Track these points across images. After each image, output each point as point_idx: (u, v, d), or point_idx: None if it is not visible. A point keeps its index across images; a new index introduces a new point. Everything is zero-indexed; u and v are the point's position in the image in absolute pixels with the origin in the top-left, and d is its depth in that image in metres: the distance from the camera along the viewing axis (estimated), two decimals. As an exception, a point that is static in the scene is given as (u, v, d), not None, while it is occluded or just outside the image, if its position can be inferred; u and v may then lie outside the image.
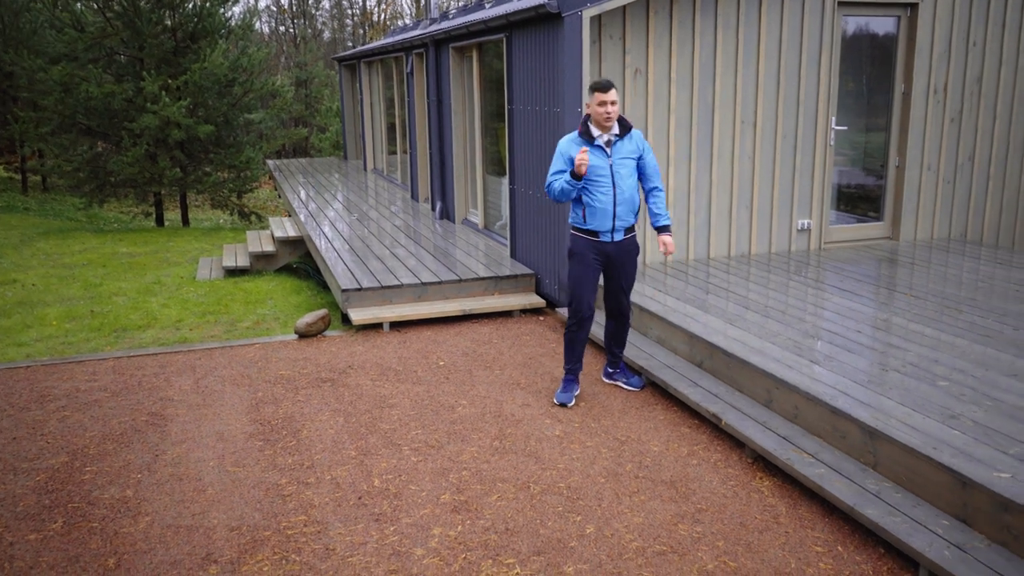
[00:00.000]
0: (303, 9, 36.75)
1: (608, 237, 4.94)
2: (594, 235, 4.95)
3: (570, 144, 4.90)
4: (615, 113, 4.77)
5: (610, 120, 4.76)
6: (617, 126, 4.87)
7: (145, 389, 5.62)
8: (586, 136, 4.85)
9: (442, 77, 10.14)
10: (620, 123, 4.89)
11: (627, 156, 4.88)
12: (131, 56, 14.70)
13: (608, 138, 4.84)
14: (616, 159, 4.86)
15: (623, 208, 4.88)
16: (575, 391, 5.25)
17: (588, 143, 4.83)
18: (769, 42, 7.46)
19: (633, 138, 4.92)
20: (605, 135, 4.84)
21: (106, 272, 10.30)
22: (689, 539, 3.66)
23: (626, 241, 5.00)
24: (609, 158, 4.85)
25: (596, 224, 4.91)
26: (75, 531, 3.80)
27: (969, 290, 6.54)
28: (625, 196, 4.87)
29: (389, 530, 3.77)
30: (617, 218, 4.89)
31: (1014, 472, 3.49)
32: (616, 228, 4.92)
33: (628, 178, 4.89)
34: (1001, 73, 8.34)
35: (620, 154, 4.87)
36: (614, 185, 4.85)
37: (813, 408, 4.38)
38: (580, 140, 4.86)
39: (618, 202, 4.86)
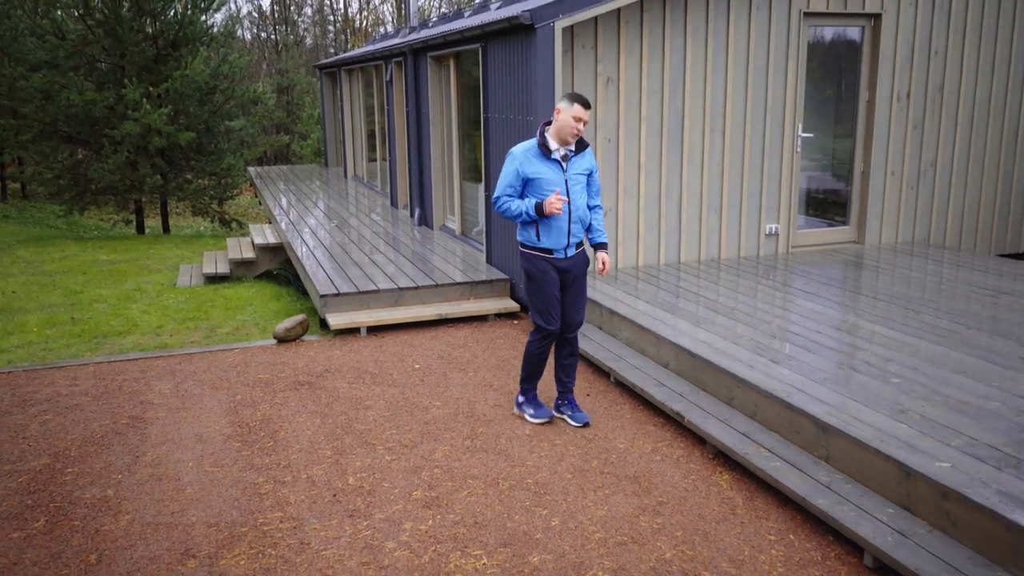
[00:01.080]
0: (285, 16, 36.82)
1: (562, 253, 4.80)
2: (548, 252, 4.78)
3: (525, 156, 4.69)
4: (583, 131, 4.75)
5: (576, 136, 4.63)
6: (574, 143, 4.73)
7: (125, 393, 5.73)
8: (543, 148, 4.68)
9: (420, 85, 10.31)
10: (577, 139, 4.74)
11: (581, 172, 4.77)
12: (112, 63, 14.78)
13: (564, 152, 4.70)
14: (571, 174, 4.73)
15: (577, 225, 4.79)
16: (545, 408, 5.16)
17: (545, 156, 4.67)
18: (737, 51, 7.68)
19: (586, 155, 4.81)
20: (562, 149, 4.69)
21: (86, 279, 10.38)
22: (649, 530, 3.83)
23: (578, 255, 4.89)
24: (564, 173, 4.71)
25: (551, 242, 4.75)
26: (57, 529, 3.92)
27: (929, 292, 6.76)
28: (579, 213, 4.77)
29: (362, 525, 3.91)
30: (571, 235, 4.77)
31: (954, 462, 3.68)
32: (570, 244, 4.80)
33: (581, 194, 4.78)
34: (962, 81, 8.60)
35: (575, 170, 4.75)
36: (569, 202, 4.71)
37: (771, 405, 4.57)
38: (537, 151, 4.68)
39: (572, 219, 4.75)
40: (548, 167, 4.68)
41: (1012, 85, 8.83)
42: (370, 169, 14.97)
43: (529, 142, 4.76)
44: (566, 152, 4.70)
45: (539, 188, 4.67)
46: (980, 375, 4.80)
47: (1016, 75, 8.82)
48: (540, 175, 4.66)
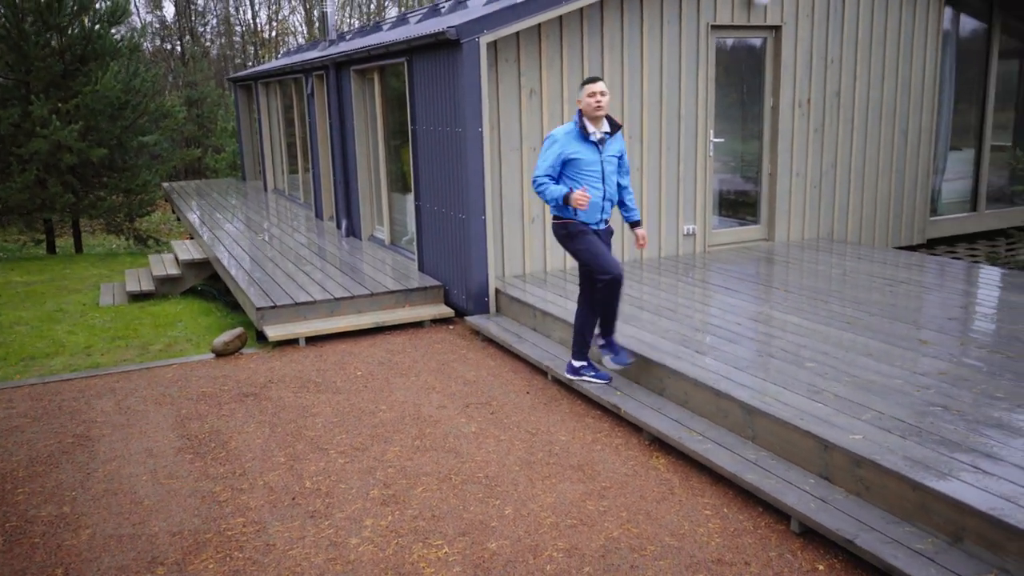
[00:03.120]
0: (190, 27, 36.05)
1: (596, 226, 5.22)
2: (585, 224, 5.19)
3: (567, 139, 5.07)
4: (605, 103, 5.00)
5: (600, 110, 4.98)
6: (607, 124, 5.12)
7: (66, 413, 5.71)
8: (583, 130, 5.05)
9: (344, 98, 10.43)
10: (610, 123, 5.14)
11: (613, 154, 5.16)
12: (17, 79, 14.32)
13: (601, 136, 5.08)
14: (605, 156, 5.12)
15: (608, 203, 5.19)
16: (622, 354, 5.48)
17: (584, 138, 5.05)
18: (651, 63, 8.10)
19: (618, 138, 5.20)
20: (598, 132, 5.06)
21: (2, 302, 10.10)
22: (596, 512, 4.12)
23: (607, 230, 5.32)
24: (600, 154, 5.10)
25: (586, 216, 5.16)
26: (17, 547, 3.96)
27: (835, 283, 7.30)
28: (611, 191, 5.17)
29: (324, 524, 4.08)
30: (603, 211, 5.19)
31: (865, 434, 4.09)
32: (602, 219, 5.22)
33: (613, 175, 5.17)
34: (856, 87, 9.26)
35: (609, 151, 5.14)
36: (603, 181, 5.11)
37: (700, 392, 4.93)
38: (577, 133, 5.06)
39: (606, 197, 5.15)
40: (586, 148, 5.07)
41: (900, 90, 9.55)
42: (291, 182, 14.94)
43: (568, 125, 5.15)
44: (603, 136, 5.08)
45: (577, 167, 5.07)
46: (883, 356, 5.28)
47: (903, 80, 9.55)
48: (579, 155, 5.05)
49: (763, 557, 3.69)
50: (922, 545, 3.48)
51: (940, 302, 6.61)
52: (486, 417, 5.38)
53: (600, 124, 5.11)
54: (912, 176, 9.94)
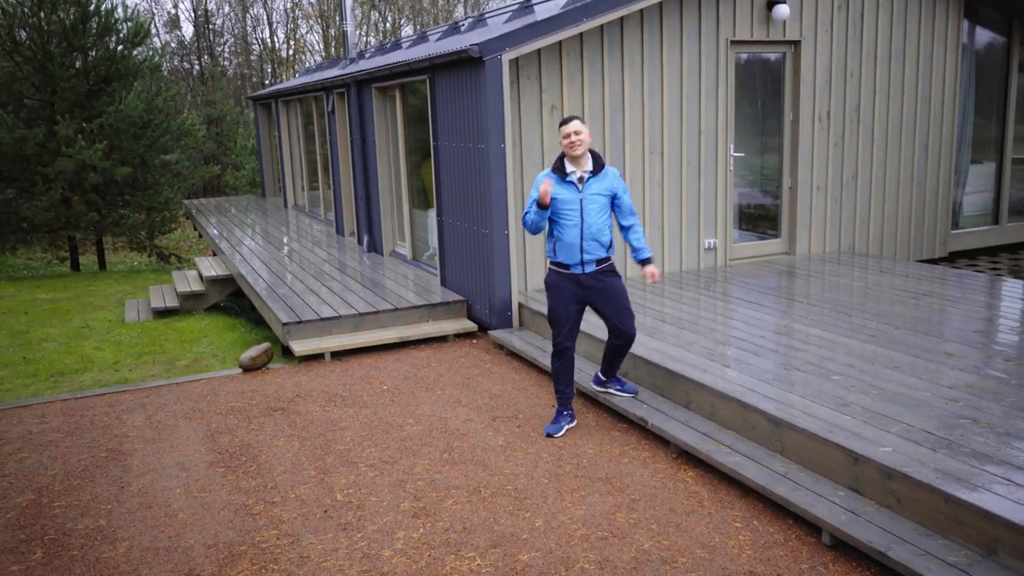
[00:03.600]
0: (209, 46, 36.51)
1: (579, 269, 5.09)
2: (565, 267, 5.12)
3: (547, 178, 5.05)
4: (579, 141, 4.93)
5: (574, 148, 4.94)
6: (591, 163, 5.05)
7: (98, 428, 5.80)
8: (558, 172, 5.04)
9: (365, 115, 10.55)
10: (594, 161, 5.06)
11: (599, 193, 5.03)
12: (42, 100, 14.57)
13: (581, 175, 5.02)
14: (587, 194, 5.01)
15: (590, 243, 5.04)
16: (563, 423, 5.35)
17: (560, 178, 5.03)
18: (671, 79, 8.17)
19: (607, 176, 5.08)
20: (578, 171, 5.02)
21: (30, 319, 10.24)
22: (627, 525, 4.14)
23: (600, 271, 5.14)
24: (580, 193, 5.01)
25: (564, 257, 5.09)
26: (56, 560, 4.02)
27: (857, 296, 7.30)
28: (592, 231, 5.01)
29: (357, 536, 4.12)
30: (584, 251, 5.05)
31: (895, 446, 4.10)
32: (585, 261, 5.07)
33: (597, 214, 5.02)
34: (875, 101, 9.28)
35: (591, 190, 5.02)
36: (582, 219, 5.00)
37: (727, 405, 4.94)
38: (552, 176, 5.05)
39: (585, 236, 5.02)
40: (564, 188, 5.04)
41: (920, 103, 9.56)
42: (311, 198, 15.08)
43: (550, 168, 5.16)
44: (582, 174, 5.03)
45: (555, 206, 5.06)
46: (909, 369, 5.28)
47: (923, 94, 9.56)
48: (557, 195, 5.03)
49: (795, 569, 3.70)
50: (955, 558, 3.49)
51: (964, 315, 6.60)
52: (513, 430, 5.42)
53: (581, 163, 5.04)
54: (933, 189, 9.93)
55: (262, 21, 42.48)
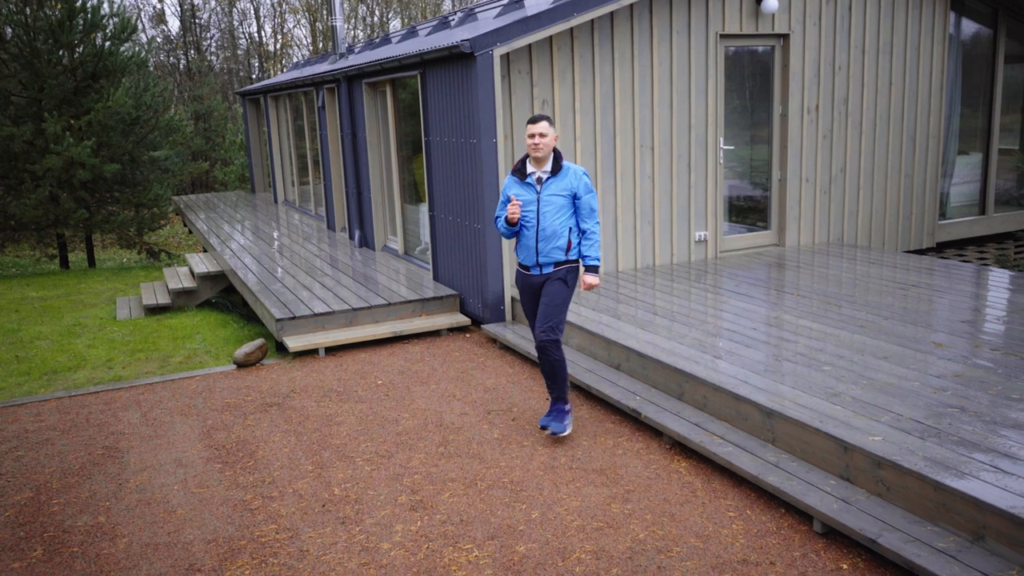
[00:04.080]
0: (196, 41, 36.31)
1: (536, 271, 5.05)
2: (525, 268, 5.11)
3: (509, 180, 5.08)
4: (543, 144, 4.87)
5: (537, 150, 4.88)
6: (550, 164, 4.97)
7: (94, 425, 5.81)
8: (518, 173, 5.02)
9: (356, 110, 10.55)
10: (554, 162, 4.96)
11: (557, 193, 4.93)
12: (30, 97, 14.49)
13: (540, 175, 4.96)
14: (544, 195, 4.93)
15: (545, 244, 4.94)
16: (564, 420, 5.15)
17: (520, 179, 5.01)
18: (661, 73, 8.21)
19: (567, 176, 4.95)
20: (538, 172, 4.97)
21: (20, 317, 10.21)
22: (621, 515, 4.20)
23: (555, 273, 5.03)
24: (538, 193, 4.95)
25: (523, 257, 5.08)
26: (57, 556, 4.05)
27: (847, 288, 7.38)
28: (547, 233, 4.92)
29: (355, 530, 4.17)
30: (540, 254, 4.97)
31: (885, 436, 4.17)
32: (542, 263, 5.00)
33: (554, 215, 4.92)
34: (864, 94, 9.35)
35: (549, 191, 4.93)
36: (537, 221, 4.93)
37: (719, 397, 5.01)
38: (513, 178, 5.05)
39: (540, 238, 4.94)
40: (522, 188, 5.02)
41: (908, 95, 9.64)
42: (302, 193, 15.07)
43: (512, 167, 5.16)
44: (541, 175, 4.97)
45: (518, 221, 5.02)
46: (898, 359, 5.35)
47: (911, 87, 9.64)
48: (518, 196, 5.02)
49: (787, 557, 3.76)
50: (944, 544, 3.56)
51: (951, 305, 6.68)
52: (508, 423, 5.47)
53: (542, 164, 4.97)
54: (920, 180, 10.02)
55: (249, 15, 42.28)
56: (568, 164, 5.02)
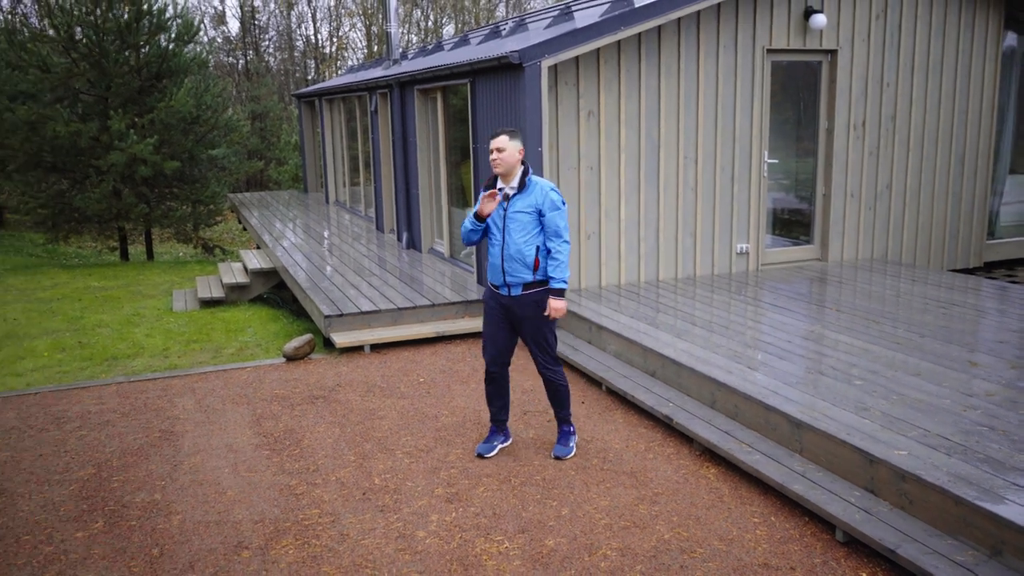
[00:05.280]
0: (255, 42, 37.21)
1: (505, 291, 4.87)
2: (494, 287, 4.93)
3: (481, 193, 4.82)
4: (501, 160, 4.70)
5: (496, 165, 4.73)
6: (517, 179, 4.79)
7: (151, 410, 6.14)
8: (490, 187, 4.85)
9: (407, 115, 10.84)
10: (520, 177, 4.79)
11: (522, 211, 4.75)
12: (97, 95, 15.10)
13: (507, 191, 4.79)
14: (509, 212, 4.78)
15: (511, 264, 4.77)
16: (495, 442, 5.20)
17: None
18: (707, 86, 8.33)
19: (533, 192, 4.76)
20: (505, 188, 4.80)
21: (83, 305, 10.69)
22: (648, 516, 4.35)
23: (525, 297, 4.84)
24: (504, 210, 4.81)
25: (490, 276, 4.92)
26: (116, 528, 4.34)
27: (888, 304, 7.41)
28: (512, 252, 4.75)
29: (393, 518, 4.38)
30: (507, 273, 4.80)
31: (910, 450, 4.26)
32: (509, 284, 4.83)
33: (519, 233, 4.74)
34: (911, 111, 9.34)
35: (514, 207, 4.77)
36: (503, 239, 4.79)
37: (750, 406, 5.12)
38: (484, 190, 4.82)
39: (505, 257, 4.78)
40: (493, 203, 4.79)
41: (957, 114, 9.60)
42: (352, 194, 15.43)
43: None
44: (508, 191, 4.80)
45: (487, 225, 4.89)
46: (933, 377, 5.41)
47: (960, 105, 9.59)
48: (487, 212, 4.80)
49: (808, 563, 3.88)
50: (962, 557, 3.64)
51: (994, 325, 6.68)
52: (543, 424, 5.64)
53: (509, 180, 4.80)
54: (969, 199, 9.95)
55: (306, 18, 43.15)
56: (535, 179, 4.82)
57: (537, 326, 4.89)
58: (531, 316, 4.87)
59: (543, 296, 4.86)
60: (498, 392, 5.15)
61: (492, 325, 4.98)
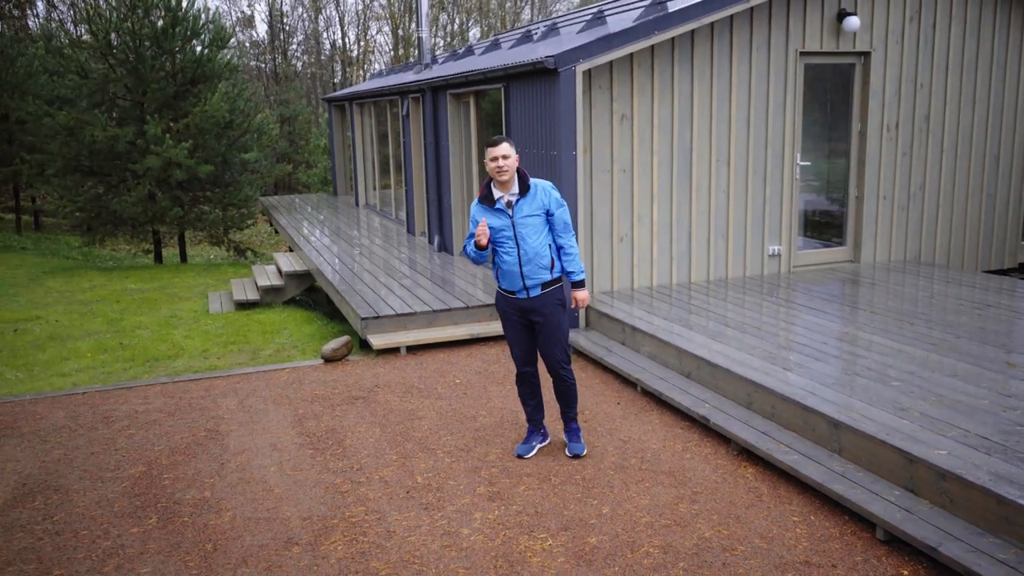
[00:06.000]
0: (284, 47, 37.60)
1: (523, 294, 4.92)
2: (510, 293, 4.97)
3: (477, 208, 4.90)
4: (507, 166, 4.72)
5: (501, 173, 4.73)
6: (517, 186, 4.83)
7: (196, 409, 6.29)
8: (487, 201, 4.84)
9: (440, 119, 10.96)
10: (520, 183, 4.83)
11: (531, 214, 4.82)
12: (133, 100, 15.38)
13: (508, 199, 4.81)
14: (518, 218, 4.81)
15: (530, 267, 4.84)
16: (534, 443, 5.28)
17: (489, 207, 4.84)
18: (739, 89, 8.36)
19: (536, 195, 4.83)
20: (506, 196, 4.82)
21: (122, 307, 10.91)
22: (689, 515, 4.41)
23: (545, 296, 4.92)
24: (511, 218, 4.83)
25: (507, 284, 4.93)
26: (170, 525, 4.47)
27: (922, 306, 7.40)
28: (530, 255, 4.82)
29: (437, 515, 4.48)
30: (526, 277, 4.86)
31: (950, 450, 4.28)
32: (528, 287, 4.89)
33: (533, 236, 4.82)
34: (946, 112, 9.31)
35: (522, 213, 4.81)
36: (517, 245, 4.82)
37: (787, 407, 5.17)
38: (481, 206, 4.88)
39: (523, 262, 4.83)
40: (495, 216, 4.86)
41: (992, 114, 9.54)
42: (383, 197, 15.59)
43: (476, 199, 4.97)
44: (510, 198, 4.82)
45: (493, 236, 4.88)
46: (970, 378, 5.42)
47: (995, 105, 9.54)
48: (491, 224, 4.86)
49: (849, 561, 3.92)
50: (1005, 555, 3.67)
51: (1029, 326, 6.66)
52: (580, 424, 5.71)
53: (508, 187, 4.81)
54: (1004, 200, 9.89)
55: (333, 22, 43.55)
56: (535, 181, 4.89)
57: (558, 322, 5.00)
58: (551, 313, 4.97)
59: (560, 292, 4.99)
60: (531, 392, 5.25)
61: (513, 329, 5.08)
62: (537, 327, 5.02)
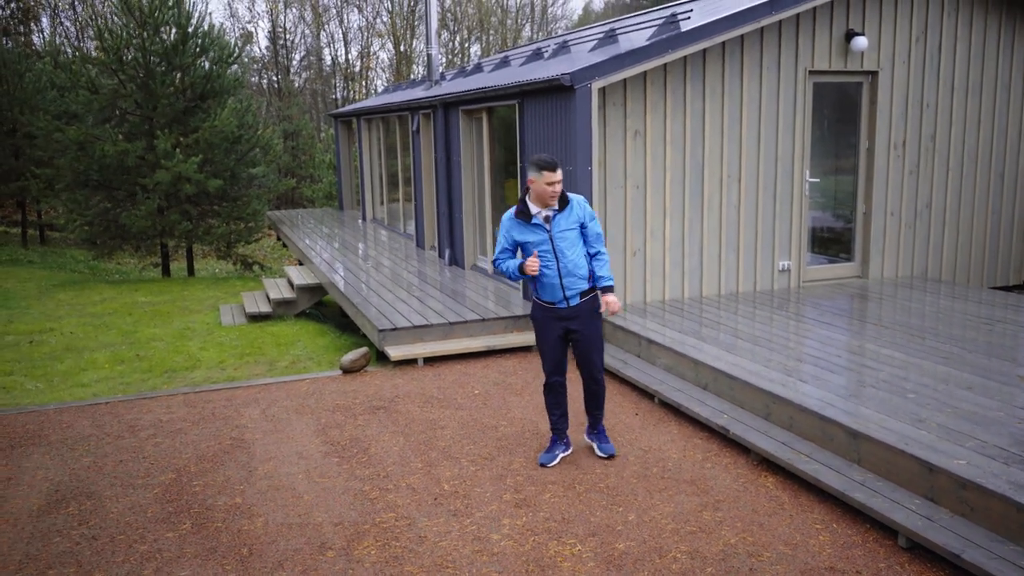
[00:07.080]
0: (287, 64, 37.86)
1: (563, 304, 5.08)
2: (550, 303, 5.12)
3: (512, 223, 5.05)
4: (560, 191, 4.93)
5: (554, 198, 4.92)
6: (557, 201, 4.98)
7: (220, 419, 6.37)
8: (522, 216, 4.99)
9: (451, 135, 11.10)
10: (560, 198, 4.98)
11: (568, 228, 5.00)
12: (143, 115, 15.52)
13: (547, 214, 4.97)
14: (556, 233, 4.98)
15: (570, 279, 5.02)
16: (557, 451, 5.37)
17: (525, 222, 5.00)
18: (750, 107, 8.51)
19: (573, 209, 5.01)
20: (544, 211, 4.98)
21: (134, 320, 11.00)
22: (713, 522, 4.50)
23: (583, 304, 5.10)
24: (549, 232, 4.99)
25: (548, 296, 5.10)
26: (204, 530, 4.55)
27: (930, 320, 7.52)
28: (569, 268, 4.99)
29: (466, 521, 4.57)
30: (566, 288, 5.03)
31: (969, 460, 4.39)
32: (568, 297, 5.06)
33: (570, 249, 5.00)
34: (952, 131, 9.47)
35: (560, 227, 4.98)
36: (556, 259, 4.99)
37: (805, 418, 5.27)
38: (517, 221, 5.03)
39: (563, 274, 5.00)
40: (531, 231, 5.02)
41: (997, 134, 9.71)
42: (391, 212, 15.72)
43: (512, 210, 5.10)
44: (548, 213, 4.99)
45: (527, 251, 5.07)
46: (983, 390, 5.53)
47: (1000, 125, 9.71)
48: (526, 240, 5.04)
49: (873, 567, 4.02)
50: (1026, 561, 3.77)
51: (1038, 341, 6.78)
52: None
53: (552, 203, 4.98)
54: (1009, 217, 10.04)
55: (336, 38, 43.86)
56: (571, 196, 5.06)
57: (596, 328, 5.20)
58: (589, 320, 5.17)
59: (596, 300, 5.19)
60: (558, 401, 5.37)
61: (550, 339, 5.21)
62: (574, 336, 5.18)
